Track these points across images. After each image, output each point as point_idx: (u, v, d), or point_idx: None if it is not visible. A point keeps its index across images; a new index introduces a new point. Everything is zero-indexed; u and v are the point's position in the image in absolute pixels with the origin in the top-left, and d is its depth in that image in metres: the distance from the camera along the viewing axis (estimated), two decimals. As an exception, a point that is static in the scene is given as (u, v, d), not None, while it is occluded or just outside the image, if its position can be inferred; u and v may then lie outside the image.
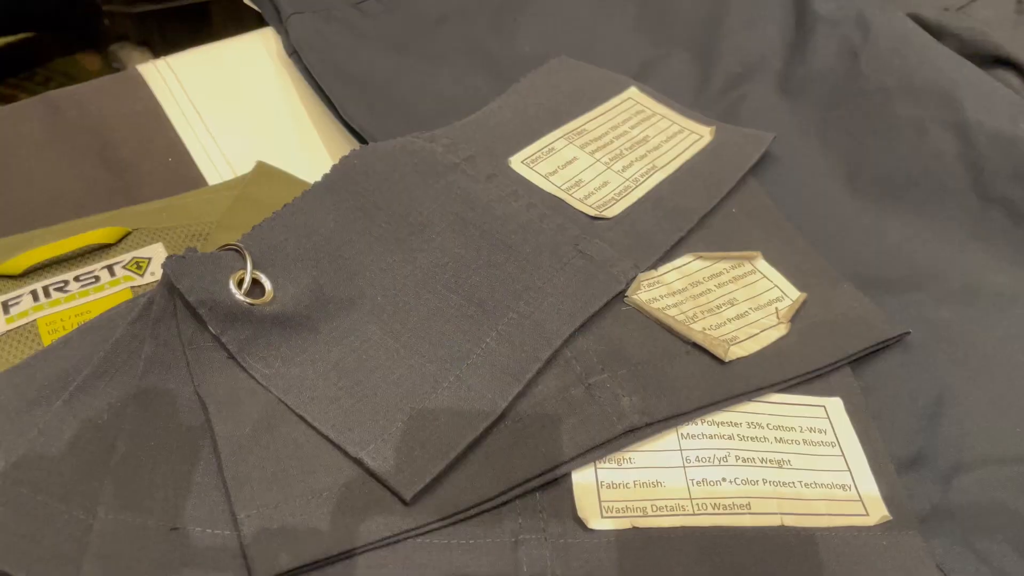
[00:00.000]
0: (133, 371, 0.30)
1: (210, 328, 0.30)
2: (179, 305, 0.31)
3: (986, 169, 0.40)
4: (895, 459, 0.32)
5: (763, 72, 0.46)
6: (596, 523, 0.28)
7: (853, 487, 0.30)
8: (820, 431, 0.32)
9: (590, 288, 0.34)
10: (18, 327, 0.32)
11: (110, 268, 0.34)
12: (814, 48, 0.45)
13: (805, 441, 0.31)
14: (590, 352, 0.32)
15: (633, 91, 0.45)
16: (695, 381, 0.32)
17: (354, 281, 0.33)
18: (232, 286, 0.31)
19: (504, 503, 0.29)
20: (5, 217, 0.40)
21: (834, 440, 0.31)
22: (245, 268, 0.31)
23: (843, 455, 0.31)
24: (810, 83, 0.45)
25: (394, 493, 0.28)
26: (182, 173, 0.43)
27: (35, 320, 0.32)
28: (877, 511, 0.29)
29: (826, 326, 0.35)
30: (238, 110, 0.46)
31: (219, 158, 0.44)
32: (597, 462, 0.30)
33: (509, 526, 0.28)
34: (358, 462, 0.28)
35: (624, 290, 0.34)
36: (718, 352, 0.32)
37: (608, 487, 0.29)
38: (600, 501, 0.29)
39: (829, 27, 0.45)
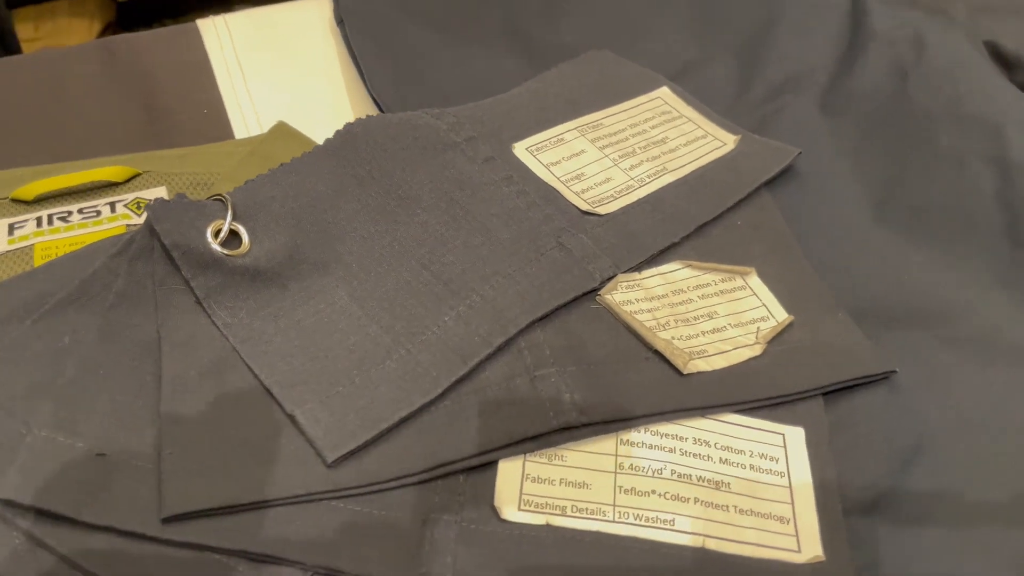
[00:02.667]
0: (104, 302, 0.31)
1: (182, 272, 0.31)
2: (157, 246, 0.32)
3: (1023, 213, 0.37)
4: (852, 501, 0.30)
5: (807, 85, 0.44)
6: (510, 514, 0.28)
7: (791, 521, 0.29)
8: (771, 459, 0.30)
9: (561, 281, 0.33)
10: (17, 249, 0.34)
11: (112, 205, 0.35)
12: (863, 65, 0.43)
13: (752, 466, 0.30)
14: (545, 345, 0.32)
15: (664, 91, 0.44)
16: (647, 388, 0.31)
17: (333, 245, 0.34)
18: (209, 234, 0.32)
19: (427, 480, 0.29)
20: (49, 147, 0.43)
21: (784, 470, 0.30)
22: (225, 218, 0.32)
23: (790, 487, 0.29)
24: (853, 101, 0.43)
25: (318, 454, 0.28)
26: (213, 126, 0.45)
27: (33, 244, 0.34)
28: (811, 550, 0.28)
29: (806, 353, 0.33)
30: (279, 72, 0.48)
31: (251, 116, 0.45)
32: (528, 455, 0.29)
33: (425, 503, 0.28)
34: (291, 419, 0.29)
35: (598, 288, 0.34)
36: (677, 362, 0.31)
37: (533, 480, 0.29)
38: (521, 493, 0.28)
39: (883, 44, 0.43)
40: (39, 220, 0.35)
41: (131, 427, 0.28)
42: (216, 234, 0.32)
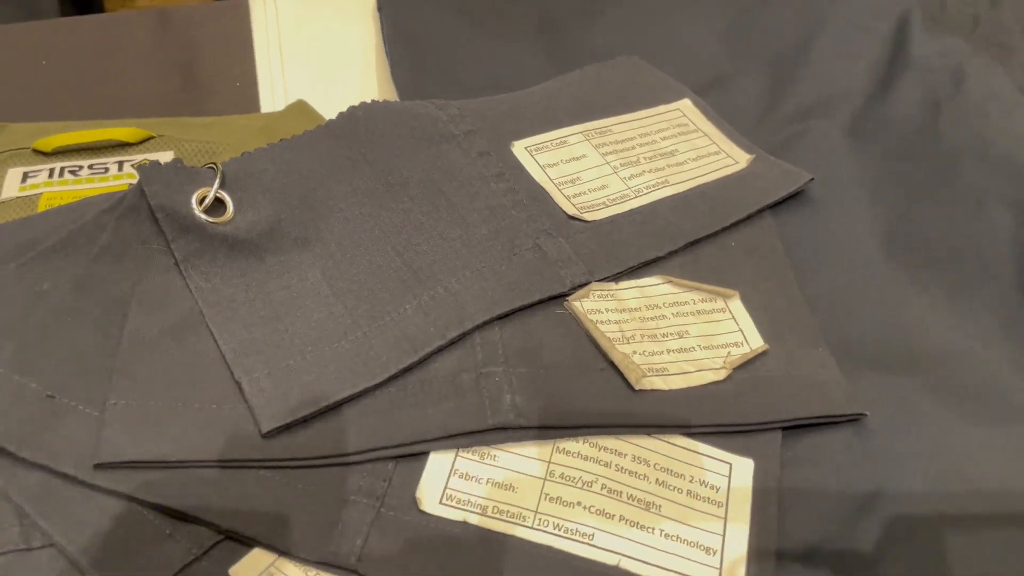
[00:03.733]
0: (87, 254, 0.33)
1: (164, 233, 0.33)
2: (145, 206, 0.33)
3: (1038, 262, 0.35)
4: (793, 543, 0.29)
5: (836, 109, 0.42)
6: (430, 506, 0.28)
7: (719, 554, 0.28)
8: (712, 487, 0.29)
9: (528, 282, 0.33)
10: (26, 196, 0.36)
11: (121, 164, 0.37)
12: (897, 93, 0.41)
13: (690, 492, 0.29)
14: (499, 343, 0.31)
15: (686, 103, 0.43)
16: (593, 399, 0.30)
17: (316, 223, 0.34)
18: (194, 200, 0.33)
19: (357, 463, 0.29)
20: (90, 106, 0.45)
21: (723, 501, 0.29)
22: (213, 186, 0.33)
23: (725, 518, 0.28)
24: (882, 129, 0.41)
25: (256, 423, 0.29)
26: (242, 100, 0.46)
27: (41, 194, 0.36)
28: (731, 585, 0.27)
29: (774, 384, 0.32)
30: (316, 53, 0.49)
31: (280, 93, 0.46)
32: (461, 450, 0.29)
33: (350, 485, 0.28)
34: (238, 385, 0.30)
35: (567, 294, 0.33)
36: (630, 377, 0.31)
37: (460, 476, 0.29)
38: (445, 487, 0.28)
39: (920, 74, 0.41)
40: (52, 171, 0.37)
41: (86, 375, 0.29)
42: (201, 200, 0.33)
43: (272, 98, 0.46)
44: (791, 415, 0.31)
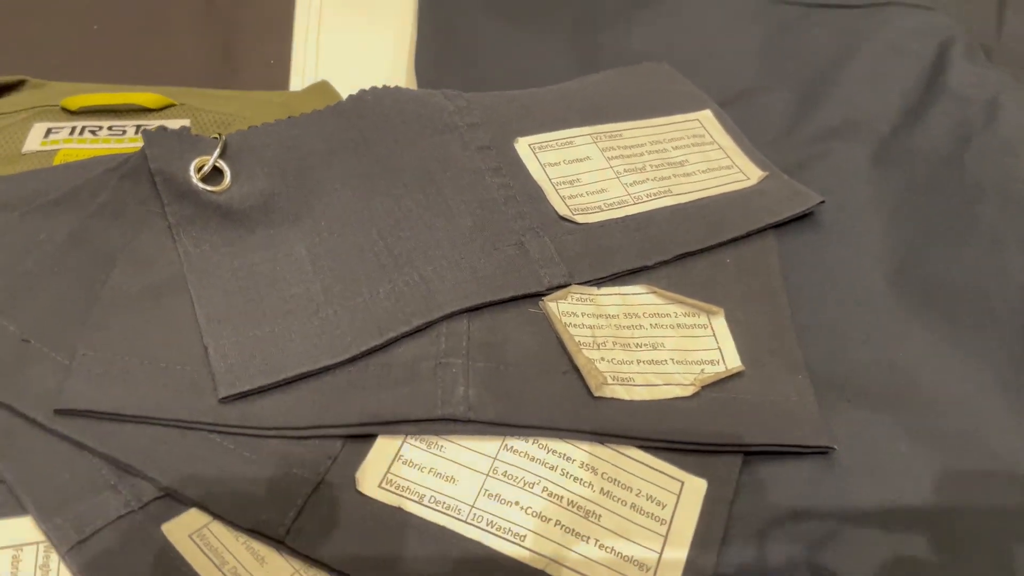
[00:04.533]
0: (86, 210, 0.34)
1: (161, 197, 0.34)
2: (147, 169, 0.34)
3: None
4: (732, 568, 0.28)
5: (862, 133, 0.40)
6: (368, 488, 0.28)
7: (652, 572, 0.27)
8: (659, 503, 0.28)
9: (504, 278, 0.33)
10: (45, 151, 0.37)
11: (138, 128, 0.38)
12: (927, 122, 0.39)
13: (634, 506, 0.28)
14: (465, 335, 0.31)
15: (706, 114, 0.42)
16: (549, 401, 0.30)
17: (309, 201, 0.35)
18: (192, 166, 0.34)
19: (307, 438, 0.29)
20: (132, 71, 0.47)
21: (667, 519, 0.28)
22: (213, 155, 0.34)
23: (665, 537, 0.28)
24: (906, 158, 0.39)
25: (215, 388, 0.29)
26: (273, 76, 0.47)
27: (59, 150, 0.37)
28: (660, 604, 0.26)
29: (743, 407, 0.31)
30: (353, 36, 0.50)
31: (311, 73, 0.47)
32: (410, 437, 0.29)
33: (295, 458, 0.29)
34: (205, 349, 0.30)
35: (544, 293, 0.33)
36: (590, 382, 0.30)
37: (404, 462, 0.29)
38: (387, 472, 0.28)
39: (953, 104, 0.39)
40: (73, 129, 0.38)
41: (64, 324, 0.31)
42: (200, 168, 0.34)
43: (302, 80, 0.47)
44: (754, 440, 0.30)
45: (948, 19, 0.43)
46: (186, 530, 0.26)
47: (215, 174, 0.34)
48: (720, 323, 0.33)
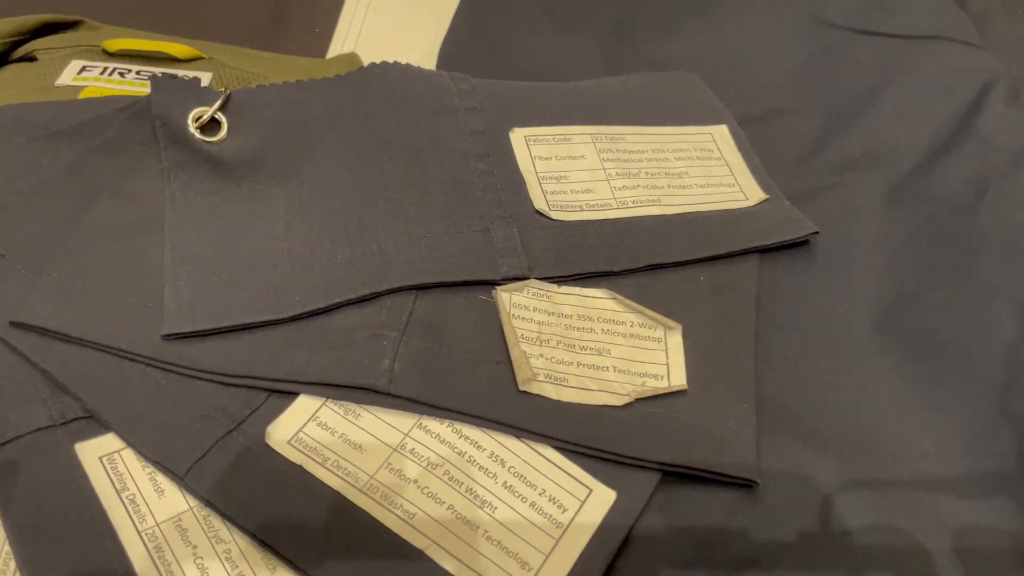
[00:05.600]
0: (89, 144, 0.36)
1: (159, 140, 0.35)
2: (151, 113, 0.36)
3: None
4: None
5: (881, 168, 0.38)
6: (276, 444, 0.28)
7: (535, 571, 0.27)
8: (560, 507, 0.28)
9: (461, 261, 0.33)
10: (74, 86, 0.39)
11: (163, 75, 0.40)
12: (948, 165, 0.37)
13: (533, 504, 0.28)
14: (407, 311, 0.32)
15: (721, 130, 0.40)
16: (474, 388, 0.30)
17: (297, 163, 0.36)
18: (191, 115, 0.35)
19: (236, 385, 0.30)
20: (182, 24, 0.49)
21: (564, 524, 0.28)
22: (214, 106, 0.36)
23: (557, 541, 0.27)
24: (922, 199, 0.37)
25: (162, 325, 0.31)
26: (314, 44, 0.48)
27: (86, 87, 0.39)
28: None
29: (674, 427, 0.30)
30: (403, 12, 0.50)
31: (351, 44, 0.48)
32: (330, 401, 0.30)
33: (216, 403, 0.29)
34: (162, 287, 0.32)
35: (499, 282, 0.33)
36: (518, 376, 0.30)
37: (319, 424, 0.29)
38: (299, 431, 0.29)
39: (979, 148, 0.37)
40: (105, 69, 0.40)
41: (42, 245, 0.32)
42: (199, 118, 0.35)
43: (341, 48, 0.48)
44: (676, 461, 0.29)
45: (996, 60, 0.40)
46: (97, 452, 0.28)
47: (213, 125, 0.36)
48: (675, 339, 0.32)
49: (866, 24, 0.43)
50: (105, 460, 0.28)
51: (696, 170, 0.38)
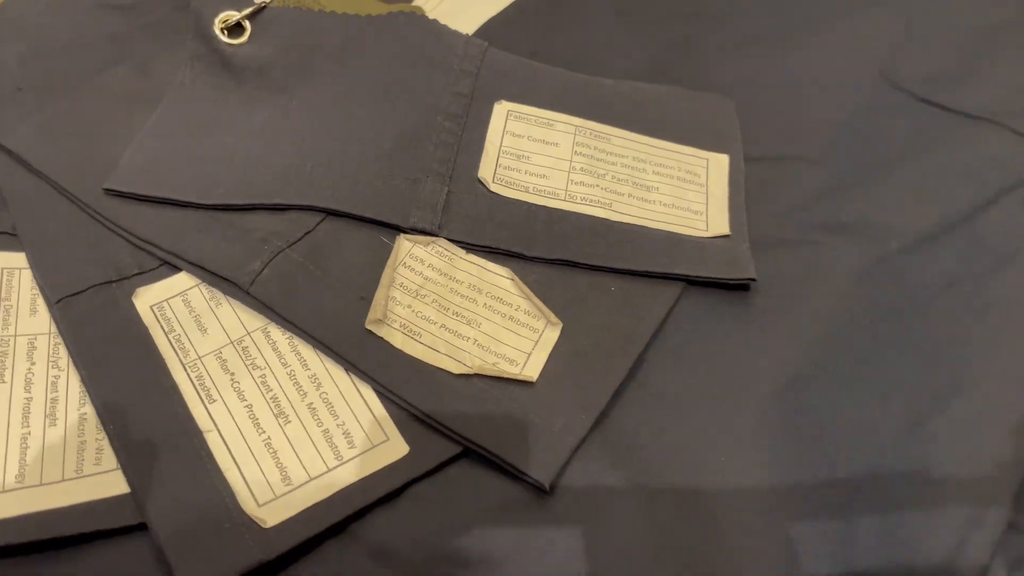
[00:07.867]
0: (138, 20, 0.40)
1: (189, 31, 0.39)
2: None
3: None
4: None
5: (867, 240, 0.35)
6: (139, 305, 0.31)
7: (292, 487, 0.27)
8: (350, 441, 0.29)
9: (376, 200, 0.34)
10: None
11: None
12: (930, 254, 0.33)
13: (327, 432, 0.29)
14: (307, 229, 0.33)
15: (720, 159, 0.39)
16: (326, 314, 0.31)
17: (294, 83, 0.38)
18: (218, 16, 0.39)
19: (136, 245, 0.33)
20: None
21: (345, 459, 0.28)
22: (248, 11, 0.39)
23: (331, 470, 0.28)
24: (888, 284, 0.33)
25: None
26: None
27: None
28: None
29: (495, 409, 0.30)
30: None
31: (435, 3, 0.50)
32: (203, 284, 0.32)
33: (113, 258, 0.32)
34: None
35: (405, 230, 0.34)
36: (369, 315, 0.31)
37: (183, 301, 0.32)
38: (164, 300, 0.32)
39: (967, 244, 0.33)
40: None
41: (56, 89, 0.37)
42: (226, 20, 0.39)
43: (426, 2, 0.50)
44: (478, 441, 0.29)
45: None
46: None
47: (239, 29, 0.39)
48: (551, 335, 0.32)
49: (931, 94, 0.40)
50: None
51: (669, 189, 0.37)
